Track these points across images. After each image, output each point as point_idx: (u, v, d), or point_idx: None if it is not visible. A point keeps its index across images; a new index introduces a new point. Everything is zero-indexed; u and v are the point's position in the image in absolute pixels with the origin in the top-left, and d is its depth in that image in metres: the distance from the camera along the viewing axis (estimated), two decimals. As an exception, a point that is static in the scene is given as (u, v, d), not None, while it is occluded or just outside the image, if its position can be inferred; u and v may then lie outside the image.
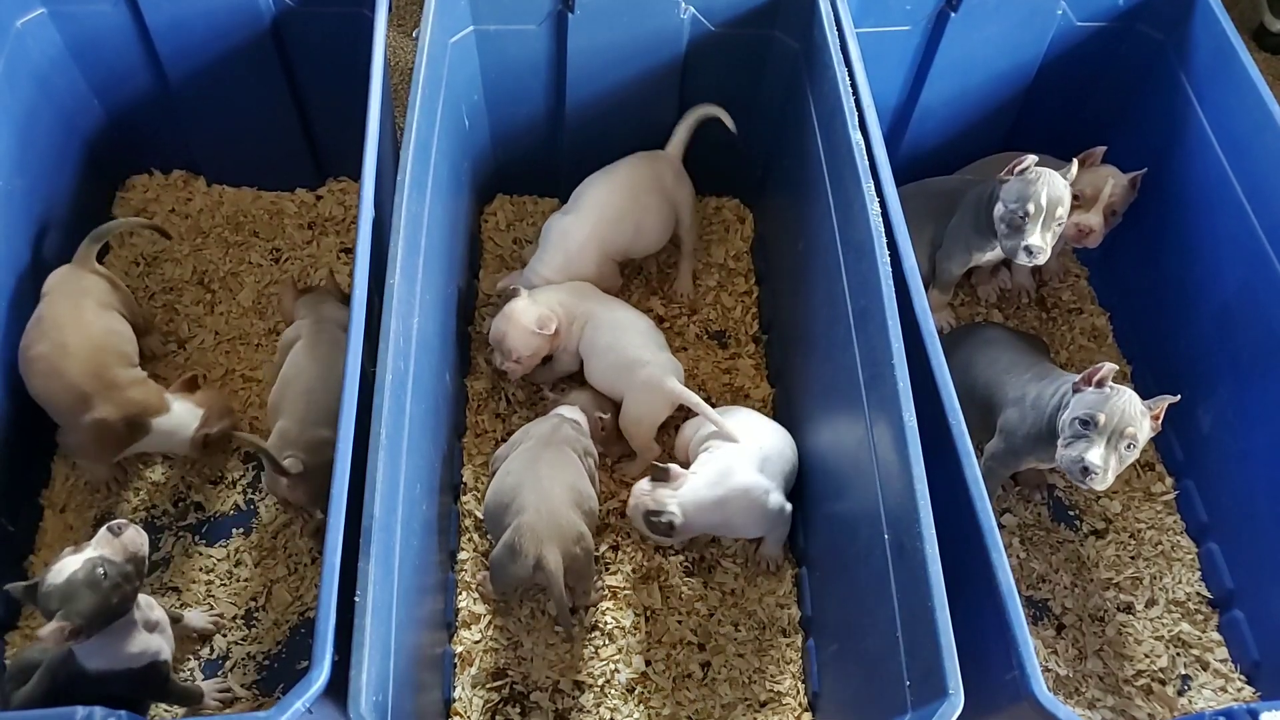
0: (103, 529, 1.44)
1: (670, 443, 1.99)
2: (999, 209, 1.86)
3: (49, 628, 1.38)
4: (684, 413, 1.94)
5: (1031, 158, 1.83)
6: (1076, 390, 1.65)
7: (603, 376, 1.95)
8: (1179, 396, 1.66)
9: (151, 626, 1.52)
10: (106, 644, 1.45)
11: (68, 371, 1.75)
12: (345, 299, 1.89)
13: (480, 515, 1.90)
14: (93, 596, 1.39)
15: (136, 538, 1.45)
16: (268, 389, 1.89)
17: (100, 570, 1.39)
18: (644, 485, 1.76)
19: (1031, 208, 1.79)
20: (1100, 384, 1.63)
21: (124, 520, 1.47)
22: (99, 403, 1.74)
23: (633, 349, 1.91)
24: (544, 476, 1.70)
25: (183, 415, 1.80)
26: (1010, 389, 1.79)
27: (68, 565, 1.39)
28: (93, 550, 1.42)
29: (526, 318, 1.90)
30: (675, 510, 1.71)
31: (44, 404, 1.81)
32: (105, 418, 1.74)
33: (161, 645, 1.53)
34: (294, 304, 1.96)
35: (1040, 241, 1.81)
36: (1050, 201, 1.80)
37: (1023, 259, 1.83)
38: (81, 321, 1.80)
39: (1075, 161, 1.88)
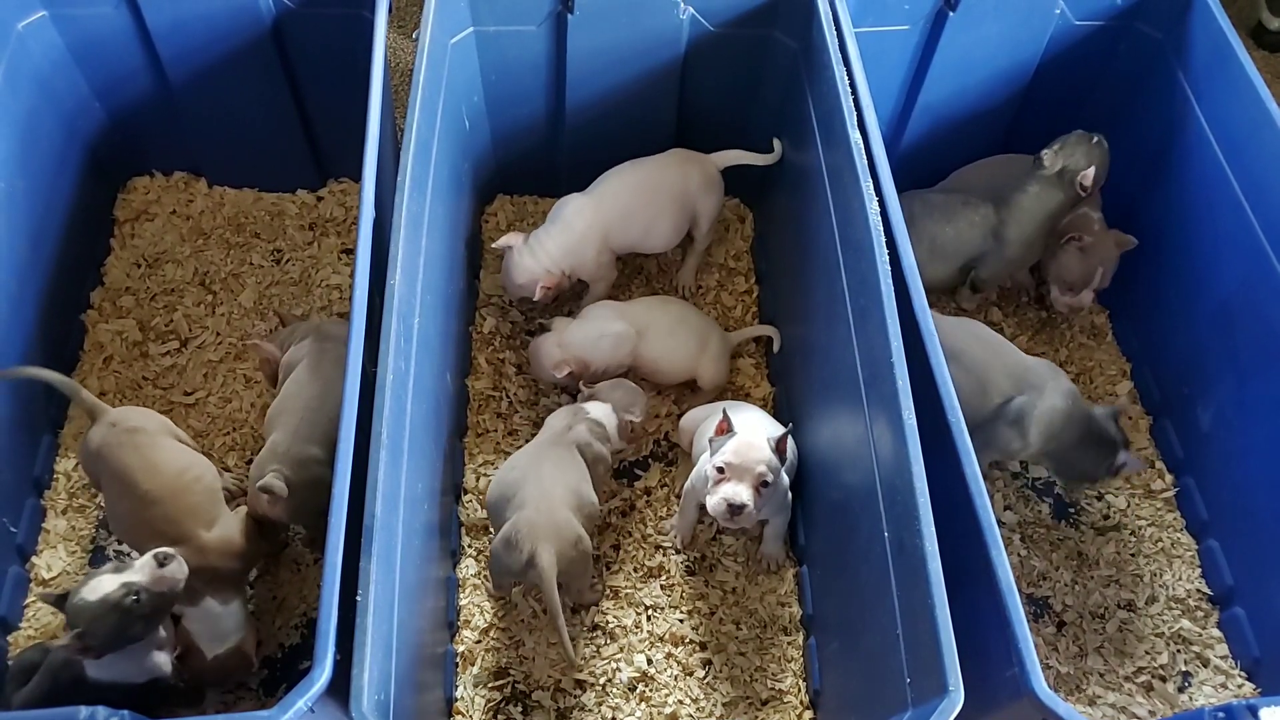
0: (148, 555, 1.42)
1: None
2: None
3: (65, 639, 1.37)
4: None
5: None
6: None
7: (681, 365, 2.01)
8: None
9: (160, 645, 1.52)
10: (114, 660, 1.45)
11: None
12: (342, 317, 1.80)
13: (482, 514, 1.90)
14: (119, 621, 1.37)
15: (178, 571, 1.43)
16: (267, 395, 1.87)
17: (134, 598, 1.38)
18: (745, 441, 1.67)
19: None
20: None
21: (172, 550, 1.44)
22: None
23: (698, 328, 2.01)
24: (546, 475, 1.70)
25: (223, 620, 1.62)
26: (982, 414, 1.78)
27: (104, 584, 1.37)
28: (133, 575, 1.39)
29: (549, 359, 1.94)
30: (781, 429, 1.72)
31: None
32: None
33: (165, 662, 1.52)
34: (286, 335, 1.88)
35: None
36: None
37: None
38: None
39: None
